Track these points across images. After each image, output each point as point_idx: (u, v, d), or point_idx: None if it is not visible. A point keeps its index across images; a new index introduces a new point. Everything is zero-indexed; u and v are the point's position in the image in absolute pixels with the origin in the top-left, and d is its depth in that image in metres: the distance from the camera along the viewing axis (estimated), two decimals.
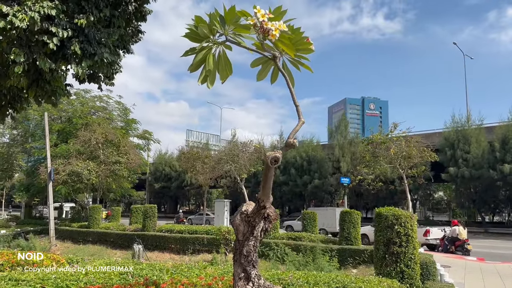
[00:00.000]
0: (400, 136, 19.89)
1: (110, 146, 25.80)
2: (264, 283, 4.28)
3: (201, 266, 7.32)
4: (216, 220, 30.23)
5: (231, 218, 4.43)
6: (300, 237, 15.28)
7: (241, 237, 4.27)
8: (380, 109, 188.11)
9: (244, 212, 4.28)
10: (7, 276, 5.14)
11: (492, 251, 19.97)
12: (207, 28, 3.65)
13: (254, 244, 4.27)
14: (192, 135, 71.24)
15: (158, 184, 57.92)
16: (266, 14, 3.33)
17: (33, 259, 6.97)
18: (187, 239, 17.17)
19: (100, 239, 20.71)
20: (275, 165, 3.69)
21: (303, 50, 3.80)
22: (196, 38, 3.75)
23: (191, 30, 3.72)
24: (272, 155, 3.65)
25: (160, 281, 5.12)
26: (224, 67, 3.93)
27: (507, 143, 31.33)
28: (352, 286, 5.69)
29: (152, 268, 6.68)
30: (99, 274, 5.87)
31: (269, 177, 3.89)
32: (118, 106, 37.08)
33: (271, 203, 4.17)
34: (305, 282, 5.87)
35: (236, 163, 25.34)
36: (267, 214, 4.21)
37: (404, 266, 7.14)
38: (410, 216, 7.46)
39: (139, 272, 6.25)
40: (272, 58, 3.76)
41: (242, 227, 4.25)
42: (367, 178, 20.72)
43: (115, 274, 5.98)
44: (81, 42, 8.01)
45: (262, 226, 4.27)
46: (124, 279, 5.80)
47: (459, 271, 12.98)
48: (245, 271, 4.22)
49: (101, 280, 5.49)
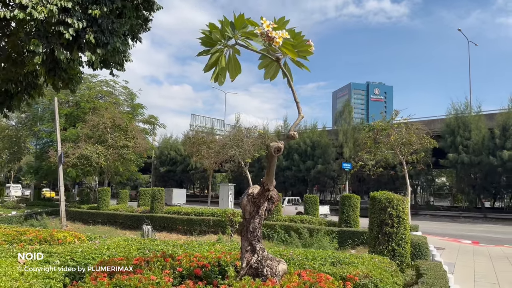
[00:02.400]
0: (400, 123, 20.40)
1: (118, 131, 26.49)
2: (267, 255, 4.95)
3: (210, 243, 8.01)
4: (221, 203, 31.10)
5: (240, 199, 5.07)
6: (302, 219, 16.00)
7: (247, 215, 4.92)
8: (384, 94, 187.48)
9: (251, 194, 4.93)
10: (40, 249, 5.83)
11: (488, 235, 20.65)
12: (219, 33, 4.24)
13: (259, 221, 4.92)
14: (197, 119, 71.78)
15: (164, 168, 58.83)
16: (270, 24, 3.92)
17: (58, 235, 7.69)
18: (194, 221, 17.94)
19: (110, 220, 21.55)
20: (278, 154, 4.31)
21: (304, 52, 4.38)
22: (209, 42, 4.35)
23: (205, 35, 4.31)
24: (276, 145, 4.26)
25: (175, 255, 5.79)
26: (233, 67, 4.54)
27: (508, 130, 31.75)
28: (346, 261, 6.36)
29: (166, 244, 7.38)
30: (119, 248, 6.55)
31: (272, 164, 4.52)
32: (124, 91, 37.75)
33: (274, 186, 4.80)
34: (304, 258, 6.54)
35: (241, 148, 25.99)
36: (270, 196, 4.85)
37: (396, 245, 7.79)
38: (402, 199, 8.07)
39: (154, 247, 6.94)
40: (276, 60, 4.34)
41: (249, 207, 4.90)
42: (368, 164, 21.33)
43: (134, 249, 6.67)
44: (94, 32, 8.57)
45: (266, 206, 4.92)
46: (142, 253, 6.49)
47: (452, 253, 13.67)
48: (251, 244, 4.89)
49: (122, 254, 6.17)
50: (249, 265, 4.83)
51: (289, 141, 4.65)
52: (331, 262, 6.33)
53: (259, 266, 4.79)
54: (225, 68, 4.45)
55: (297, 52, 4.29)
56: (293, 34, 4.17)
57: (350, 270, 5.53)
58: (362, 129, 27.78)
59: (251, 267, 4.82)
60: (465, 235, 20.38)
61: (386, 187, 37.42)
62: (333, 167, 40.53)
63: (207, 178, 55.94)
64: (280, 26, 4.03)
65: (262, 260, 4.82)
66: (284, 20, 4.09)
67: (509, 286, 8.59)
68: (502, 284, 8.78)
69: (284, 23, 4.08)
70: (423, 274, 6.60)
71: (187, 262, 5.46)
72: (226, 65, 4.46)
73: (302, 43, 4.27)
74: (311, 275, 4.84)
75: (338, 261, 6.41)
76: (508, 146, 31.06)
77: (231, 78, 4.59)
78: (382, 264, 6.40)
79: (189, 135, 39.31)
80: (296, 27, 4.16)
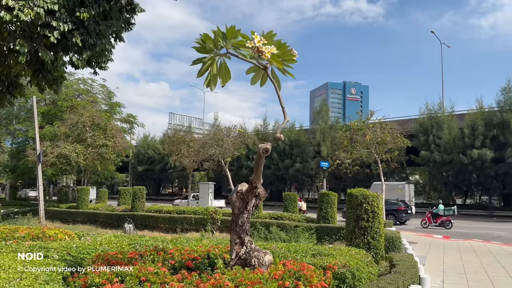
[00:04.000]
0: (375, 123, 21.18)
1: (97, 130, 26.40)
2: (255, 247, 5.40)
3: (198, 239, 8.39)
4: (201, 201, 31.33)
5: (229, 196, 5.49)
6: (282, 216, 16.51)
7: (236, 211, 5.36)
8: (361, 93, 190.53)
9: (239, 191, 5.36)
10: (37, 245, 6.09)
11: (459, 231, 21.66)
12: (212, 43, 4.66)
13: (247, 216, 5.36)
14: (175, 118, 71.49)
15: (142, 167, 58.53)
16: (261, 40, 4.37)
17: (49, 233, 7.92)
18: (176, 219, 18.22)
19: (90, 219, 21.55)
20: (265, 154, 4.74)
21: (288, 60, 4.84)
22: (203, 51, 4.77)
23: (199, 44, 4.73)
24: (264, 146, 4.70)
25: (167, 249, 6.16)
26: (224, 74, 4.96)
27: (476, 130, 33.18)
28: (325, 252, 6.86)
29: (156, 240, 7.72)
30: (111, 244, 6.87)
31: (260, 164, 4.96)
32: (102, 89, 37.45)
33: (261, 184, 5.24)
34: (286, 251, 7.01)
35: (221, 147, 26.32)
36: (258, 193, 5.30)
37: (371, 238, 8.36)
38: (376, 196, 8.65)
39: (145, 242, 7.28)
40: (264, 68, 4.78)
41: (237, 203, 5.33)
42: (345, 162, 22.03)
43: (125, 244, 7.00)
44: (81, 34, 8.82)
45: (254, 202, 5.36)
46: (134, 248, 6.82)
47: (424, 247, 14.45)
48: (240, 237, 5.32)
49: (115, 249, 6.50)
50: (238, 256, 5.26)
51: (275, 143, 5.09)
52: (311, 254, 6.82)
53: (247, 257, 5.23)
54: (217, 75, 4.86)
55: (282, 61, 4.76)
56: (279, 44, 4.62)
57: (330, 260, 6.02)
58: (339, 129, 28.54)
59: (240, 258, 5.25)
60: (437, 230, 21.34)
61: (362, 184, 38.32)
62: (311, 165, 41.34)
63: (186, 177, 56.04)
64: (269, 38, 4.49)
65: (250, 251, 5.26)
66: (272, 33, 4.54)
67: (473, 275, 9.30)
68: (467, 273, 9.49)
69: (272, 36, 4.54)
70: (396, 265, 7.16)
71: (179, 255, 5.85)
72: (217, 72, 4.88)
73: (287, 52, 4.73)
74: (294, 265, 5.30)
75: (318, 253, 6.91)
76: (477, 145, 32.46)
77: (222, 84, 5.01)
78: (358, 256, 6.93)
79: (168, 133, 39.32)
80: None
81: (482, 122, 33.36)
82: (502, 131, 32.02)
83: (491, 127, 32.79)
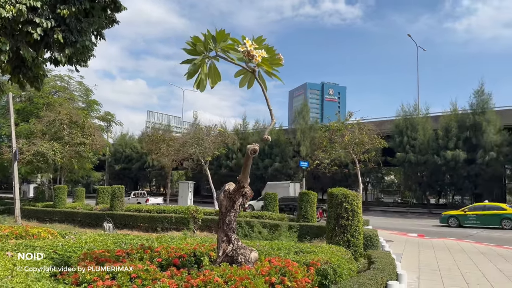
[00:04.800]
0: (354, 124, 21.67)
1: (74, 127, 26.02)
2: (241, 244, 5.56)
3: (182, 237, 8.49)
4: (180, 200, 31.28)
5: (217, 195, 5.63)
6: (262, 215, 16.71)
7: (224, 209, 5.50)
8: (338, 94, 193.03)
9: (227, 190, 5.51)
10: (23, 243, 6.08)
11: (433, 229, 22.35)
12: (203, 46, 4.80)
13: (234, 215, 5.52)
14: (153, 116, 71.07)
15: (119, 165, 57.77)
16: (252, 44, 4.54)
17: (32, 231, 7.87)
18: (156, 218, 18.17)
19: (67, 219, 21.25)
20: (253, 155, 4.91)
21: (275, 64, 5.03)
22: (193, 53, 4.91)
23: (190, 46, 4.87)
24: (252, 147, 4.87)
25: (153, 247, 6.25)
26: (213, 76, 5.10)
27: (450, 132, 34.24)
28: (307, 250, 7.09)
29: (140, 239, 7.78)
30: (97, 243, 6.90)
31: (248, 164, 5.12)
32: (80, 87, 36.86)
33: (248, 183, 5.40)
34: (270, 248, 7.20)
35: (201, 146, 26.33)
36: (245, 192, 5.45)
37: (350, 236, 8.64)
38: (356, 195, 8.94)
39: (130, 241, 7.34)
40: (252, 71, 4.94)
41: (225, 202, 5.48)
42: (324, 162, 22.45)
43: (111, 243, 7.04)
44: (63, 31, 8.79)
45: (241, 201, 5.52)
46: (119, 246, 6.87)
47: (400, 245, 14.90)
48: (227, 235, 5.47)
49: (100, 247, 6.53)
50: (225, 254, 5.41)
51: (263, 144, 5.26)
52: (294, 252, 7.03)
53: (234, 254, 5.38)
54: (207, 76, 5.00)
55: (270, 64, 4.95)
56: (267, 49, 4.81)
57: (312, 257, 6.24)
58: (319, 129, 29.00)
59: (227, 255, 5.40)
60: (412, 229, 21.96)
61: (340, 184, 38.80)
62: (290, 165, 41.76)
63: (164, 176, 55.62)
64: (259, 43, 4.68)
65: (237, 249, 5.42)
66: (261, 38, 4.73)
67: (447, 272, 9.71)
68: (441, 270, 9.90)
69: (262, 40, 4.73)
70: (375, 262, 7.44)
71: (166, 253, 5.96)
72: (208, 74, 5.02)
73: (274, 56, 4.92)
74: (280, 261, 5.48)
75: (300, 251, 7.13)
76: (450, 147, 33.49)
77: (211, 86, 5.15)
78: (339, 253, 7.19)
79: (147, 132, 39.04)
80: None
81: (456, 124, 34.45)
82: (474, 133, 33.13)
83: (464, 129, 33.89)
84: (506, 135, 32.49)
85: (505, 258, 12.09)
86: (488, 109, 33.58)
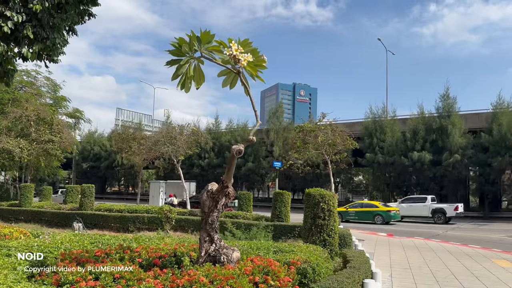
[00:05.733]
0: (327, 125, 22.03)
1: (42, 124, 25.21)
2: (223, 244, 5.59)
3: (160, 237, 8.41)
4: (151, 200, 30.86)
5: (199, 195, 5.63)
6: (237, 215, 16.74)
7: (207, 210, 5.51)
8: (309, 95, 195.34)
9: (210, 190, 5.52)
10: None
11: (400, 229, 23.02)
12: (188, 47, 4.81)
13: (217, 215, 5.54)
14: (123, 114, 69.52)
15: (86, 164, 56.42)
16: (238, 48, 4.60)
17: (4, 231, 7.60)
18: (128, 218, 17.86)
19: (34, 218, 20.55)
20: (239, 156, 4.95)
21: (259, 66, 5.09)
22: (178, 54, 4.91)
23: (174, 47, 4.87)
24: (237, 148, 4.92)
25: (132, 247, 6.18)
26: (198, 76, 5.11)
27: (417, 134, 35.35)
28: (286, 249, 7.18)
29: (117, 239, 7.66)
30: (73, 243, 6.75)
31: (233, 165, 5.16)
32: (48, 82, 35.78)
33: (231, 184, 5.43)
34: (249, 248, 7.25)
35: (174, 145, 26.04)
36: (228, 192, 5.48)
37: (326, 236, 8.81)
38: (332, 195, 9.12)
39: (107, 241, 7.22)
40: (237, 73, 4.98)
41: (208, 202, 5.49)
42: (297, 162, 22.70)
43: (87, 243, 6.90)
44: (34, 27, 8.56)
45: (224, 201, 5.54)
46: (97, 246, 6.75)
47: (371, 244, 15.29)
48: (210, 235, 5.49)
49: (78, 247, 6.39)
50: (208, 253, 5.42)
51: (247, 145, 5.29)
52: (273, 251, 7.11)
53: (216, 254, 5.40)
54: (192, 77, 5.01)
55: (255, 66, 5.02)
56: (252, 51, 4.87)
57: (292, 256, 6.33)
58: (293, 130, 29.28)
59: (210, 255, 5.42)
60: (381, 228, 22.54)
61: (311, 184, 39.54)
62: (263, 165, 41.94)
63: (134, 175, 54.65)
64: (244, 46, 4.74)
65: (220, 249, 5.44)
66: (247, 41, 4.80)
67: (418, 270, 10.05)
68: (412, 268, 10.25)
69: (248, 43, 4.79)
70: (350, 260, 7.61)
71: (146, 253, 5.91)
72: (193, 75, 5.03)
73: (258, 58, 4.99)
74: (262, 261, 5.54)
75: (279, 250, 7.21)
76: (417, 148, 34.59)
77: (196, 86, 5.16)
78: (316, 252, 7.32)
79: (117, 130, 38.27)
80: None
81: (423, 126, 35.61)
82: (440, 136, 34.34)
83: (431, 131, 35.08)
84: (470, 138, 33.84)
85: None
86: (454, 113, 34.90)
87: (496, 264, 11.05)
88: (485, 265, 10.85)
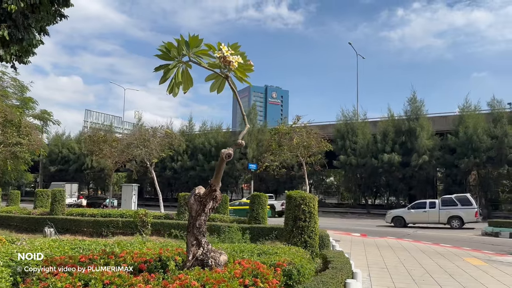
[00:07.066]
0: (302, 127, 22.31)
1: (10, 126, 24.33)
2: (211, 248, 5.60)
3: (141, 242, 8.30)
4: (124, 204, 30.29)
5: (187, 198, 5.62)
6: (213, 218, 16.69)
7: (194, 213, 5.51)
8: (281, 98, 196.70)
9: (197, 194, 5.52)
10: None
11: (373, 229, 23.53)
12: (176, 51, 4.83)
13: (204, 218, 5.54)
14: (92, 115, 67.85)
15: (54, 167, 54.80)
16: (229, 50, 4.65)
17: None
18: (101, 222, 17.47)
19: (2, 224, 19.80)
20: (228, 160, 4.98)
21: (247, 70, 5.16)
22: (166, 58, 4.91)
23: (162, 51, 4.88)
24: (227, 151, 4.95)
25: (116, 252, 6.09)
26: (186, 81, 5.12)
27: (387, 136, 36.27)
28: (270, 252, 7.25)
29: (98, 244, 7.51)
30: (53, 249, 6.57)
31: (221, 168, 5.18)
32: (14, 83, 34.56)
33: (219, 187, 5.45)
34: (232, 251, 7.27)
35: (147, 148, 25.70)
36: (215, 195, 5.49)
37: (307, 237, 8.95)
38: (313, 197, 9.27)
39: (87, 246, 7.07)
40: (225, 77, 5.02)
41: (195, 205, 5.48)
42: (273, 165, 22.86)
43: (68, 249, 6.74)
44: (8, 27, 8.34)
45: (211, 205, 5.55)
46: (78, 252, 6.61)
47: (347, 244, 15.57)
48: (197, 239, 5.48)
49: (59, 253, 6.24)
50: (195, 257, 5.41)
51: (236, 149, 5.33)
52: (257, 254, 7.16)
53: (204, 258, 5.40)
54: (181, 81, 5.01)
55: (244, 70, 5.09)
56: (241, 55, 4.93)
57: (277, 258, 6.40)
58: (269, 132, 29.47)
59: (197, 259, 5.41)
60: (354, 229, 22.96)
61: (285, 186, 39.95)
62: (237, 167, 41.92)
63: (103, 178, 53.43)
64: (234, 49, 4.80)
65: (207, 252, 5.44)
66: (237, 45, 4.87)
67: (394, 269, 10.34)
68: (389, 268, 10.52)
69: (237, 47, 4.86)
70: (331, 261, 7.76)
71: (130, 258, 5.83)
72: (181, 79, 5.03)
73: (246, 62, 5.06)
74: (249, 263, 5.58)
75: (263, 252, 7.27)
76: (387, 150, 35.47)
77: (183, 91, 5.18)
78: (299, 253, 7.42)
79: (86, 132, 37.40)
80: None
81: (393, 129, 36.56)
82: (409, 138, 35.34)
83: (400, 134, 36.05)
84: (438, 140, 35.03)
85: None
86: (421, 116, 36.01)
87: (468, 262, 11.51)
88: (457, 263, 11.27)
